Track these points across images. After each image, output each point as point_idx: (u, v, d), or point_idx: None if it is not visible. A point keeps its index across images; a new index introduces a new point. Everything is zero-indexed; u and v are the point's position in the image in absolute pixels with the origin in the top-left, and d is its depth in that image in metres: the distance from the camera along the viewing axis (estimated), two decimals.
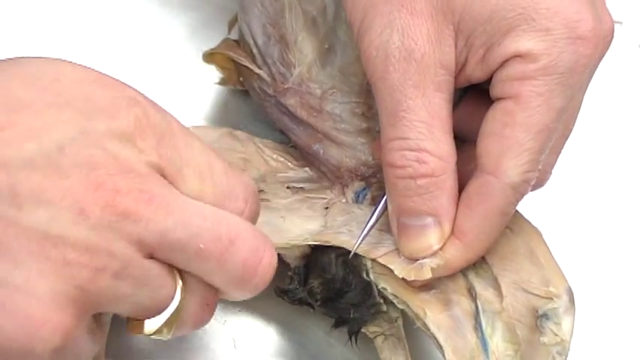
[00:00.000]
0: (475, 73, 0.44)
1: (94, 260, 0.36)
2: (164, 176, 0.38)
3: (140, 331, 0.39)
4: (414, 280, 0.44)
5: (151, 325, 0.38)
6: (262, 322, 0.51)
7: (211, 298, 0.40)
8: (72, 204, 0.35)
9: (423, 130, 0.43)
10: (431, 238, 0.44)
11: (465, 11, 0.42)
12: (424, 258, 0.44)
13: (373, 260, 0.45)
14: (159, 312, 0.38)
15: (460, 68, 0.44)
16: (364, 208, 0.48)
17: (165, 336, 0.39)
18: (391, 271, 0.44)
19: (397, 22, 0.43)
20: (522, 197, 0.44)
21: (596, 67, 0.44)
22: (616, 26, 0.56)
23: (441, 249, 0.44)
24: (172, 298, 0.38)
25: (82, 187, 0.35)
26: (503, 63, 0.43)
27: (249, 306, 0.51)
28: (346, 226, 0.47)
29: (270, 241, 0.40)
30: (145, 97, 0.39)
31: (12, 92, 0.37)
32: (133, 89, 0.39)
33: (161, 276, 0.38)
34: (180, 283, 0.38)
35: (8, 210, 0.35)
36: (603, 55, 0.44)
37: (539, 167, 0.43)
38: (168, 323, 0.38)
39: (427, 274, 0.44)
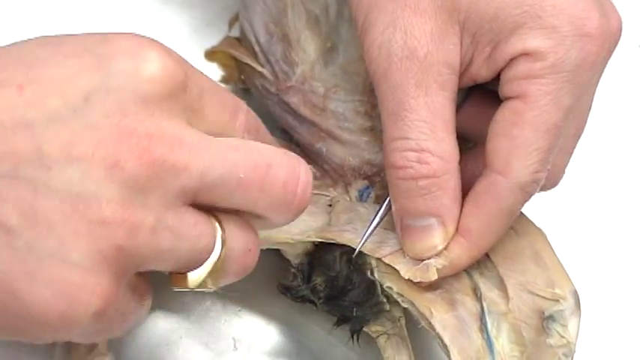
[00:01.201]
0: (481, 72, 0.44)
1: (130, 216, 0.34)
2: (190, 107, 0.37)
3: (184, 284, 0.38)
4: (419, 281, 0.44)
5: (194, 276, 0.37)
6: (263, 322, 0.51)
7: (252, 241, 0.39)
8: (105, 157, 0.34)
9: (424, 129, 0.43)
10: (435, 238, 0.44)
11: (471, 9, 0.42)
12: (429, 258, 0.44)
13: (378, 259, 0.45)
14: (200, 263, 0.37)
15: (466, 67, 0.43)
16: (368, 207, 0.48)
17: (210, 287, 0.38)
18: (397, 270, 0.45)
19: (400, 21, 0.43)
20: (530, 197, 0.44)
21: (604, 65, 0.44)
22: None
23: (445, 248, 0.44)
24: (213, 247, 0.37)
25: (115, 137, 0.34)
26: (510, 62, 0.43)
27: (250, 305, 0.51)
28: (350, 224, 0.47)
29: (303, 161, 0.39)
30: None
31: (27, 51, 0.36)
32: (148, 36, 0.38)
33: (199, 224, 0.37)
34: (219, 230, 0.37)
35: (37, 173, 0.34)
36: (611, 52, 0.44)
37: (549, 167, 0.43)
38: (211, 273, 0.37)
39: (433, 275, 0.44)
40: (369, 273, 0.46)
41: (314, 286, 0.47)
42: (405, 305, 0.45)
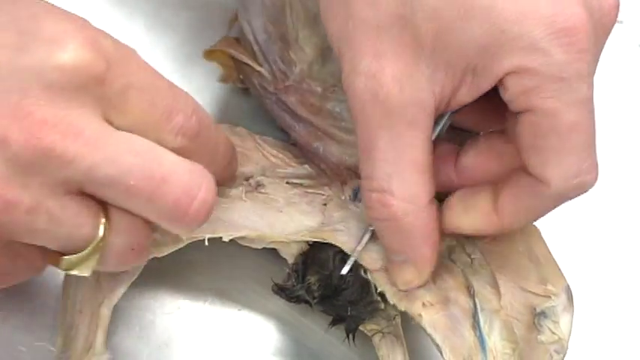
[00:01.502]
0: (466, 98, 0.42)
1: (7, 193, 0.35)
2: (107, 101, 0.37)
3: (56, 264, 0.38)
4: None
5: (66, 261, 0.38)
6: (262, 321, 0.51)
7: (139, 241, 0.39)
8: None
9: (388, 170, 0.42)
10: (407, 274, 0.44)
11: (436, 43, 0.41)
12: (413, 289, 0.45)
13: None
14: (79, 250, 0.38)
15: (450, 96, 0.42)
16: (360, 206, 0.48)
17: (84, 273, 0.38)
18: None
19: (361, 67, 0.42)
20: (570, 199, 0.43)
21: (601, 44, 0.42)
22: (616, 26, 0.56)
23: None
24: (93, 238, 0.38)
25: (10, 114, 0.35)
26: (500, 83, 0.41)
27: (250, 304, 0.51)
28: (343, 223, 0.47)
29: (209, 179, 0.39)
30: (97, 28, 0.38)
31: None
32: (87, 22, 0.38)
33: (81, 215, 0.37)
34: (103, 222, 0.38)
35: None
36: (606, 31, 0.42)
37: (590, 161, 0.42)
38: (85, 262, 0.38)
39: (418, 309, 0.44)
40: (362, 272, 0.46)
41: (308, 285, 0.47)
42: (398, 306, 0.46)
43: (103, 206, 0.38)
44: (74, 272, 0.38)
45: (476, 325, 0.44)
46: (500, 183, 0.44)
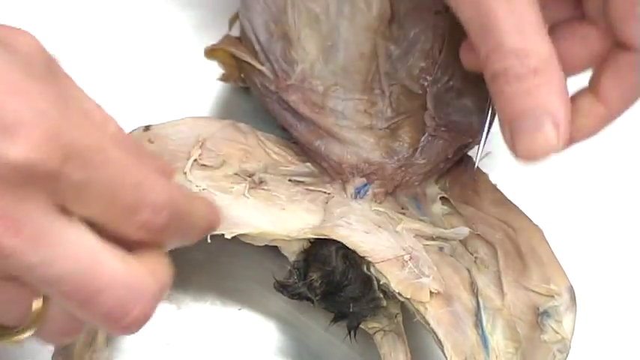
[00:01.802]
0: None
1: None
2: (62, 194, 0.36)
3: None
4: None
5: None
6: (263, 320, 0.51)
7: (74, 327, 0.39)
8: None
9: (515, 34, 0.42)
10: (548, 133, 0.43)
11: None
12: (543, 158, 0.43)
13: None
14: (9, 328, 0.37)
15: None
16: (362, 203, 0.48)
17: (15, 347, 0.38)
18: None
19: None
20: None
21: None
22: None
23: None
24: (24, 321, 0.37)
25: None
26: None
27: (250, 304, 0.51)
28: (344, 218, 0.47)
29: (148, 296, 0.38)
30: (61, 111, 0.36)
31: None
32: (58, 103, 0.36)
33: (15, 301, 0.37)
34: (35, 311, 0.37)
35: None
36: None
37: None
38: (14, 341, 0.37)
39: (425, 297, 0.44)
40: (365, 268, 0.46)
41: (310, 282, 0.47)
42: (401, 299, 0.45)
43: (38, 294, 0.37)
44: (4, 343, 0.38)
45: (478, 324, 0.44)
46: (594, 77, 0.44)
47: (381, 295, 0.46)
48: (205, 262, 0.51)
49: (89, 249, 0.36)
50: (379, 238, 0.46)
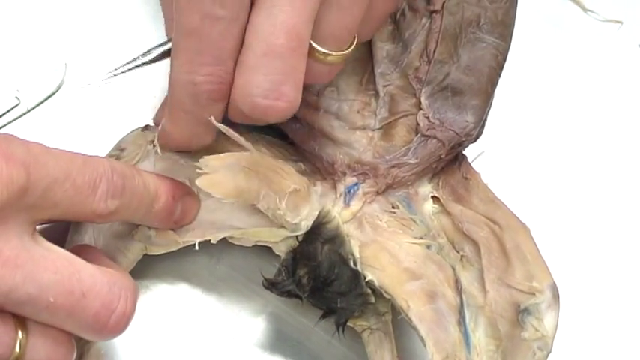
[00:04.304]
0: None
1: None
2: (32, 207, 0.37)
3: None
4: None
5: None
6: (263, 322, 0.51)
7: (61, 356, 0.39)
8: None
9: None
10: None
11: None
12: None
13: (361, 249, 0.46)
14: None
15: None
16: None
17: None
18: (378, 261, 0.45)
19: None
20: None
21: None
22: (616, 26, 0.56)
23: None
24: (10, 355, 0.38)
25: None
26: None
27: (250, 305, 0.51)
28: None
29: (128, 290, 0.40)
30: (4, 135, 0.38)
31: None
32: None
33: None
34: (19, 342, 0.38)
35: None
36: None
37: None
38: None
39: (406, 296, 0.45)
40: (351, 263, 0.46)
41: (298, 279, 0.47)
42: (387, 296, 0.46)
43: (22, 322, 0.38)
44: None
45: (461, 321, 0.44)
46: None
47: (369, 291, 0.46)
48: (204, 263, 0.52)
49: (65, 258, 0.38)
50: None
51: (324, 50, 0.44)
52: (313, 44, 0.44)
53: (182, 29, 0.42)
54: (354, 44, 0.45)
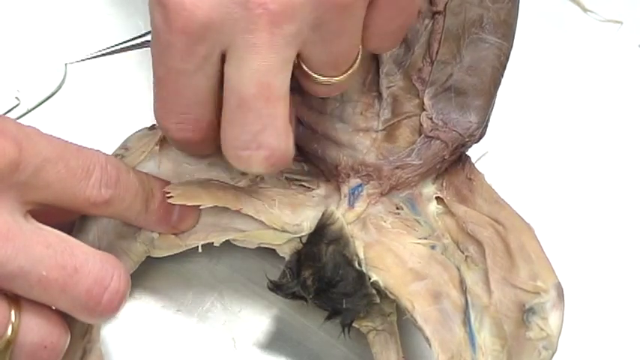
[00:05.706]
0: None
1: None
2: (24, 185, 0.37)
3: None
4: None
5: None
6: (263, 322, 0.51)
7: (54, 338, 0.39)
8: None
9: None
10: None
11: None
12: None
13: (366, 249, 0.47)
14: None
15: None
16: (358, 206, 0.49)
17: None
18: (382, 262, 0.45)
19: None
20: None
21: None
22: (616, 26, 0.56)
23: None
24: (2, 335, 0.38)
25: None
26: None
27: (250, 306, 0.51)
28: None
29: (121, 269, 0.40)
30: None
31: None
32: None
33: None
34: (12, 319, 0.38)
35: None
36: None
37: None
38: None
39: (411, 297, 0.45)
40: (356, 264, 0.47)
41: (303, 280, 0.47)
42: (392, 297, 0.46)
43: (15, 302, 0.38)
44: None
45: (467, 321, 0.44)
46: None
47: (374, 292, 0.46)
48: (205, 264, 0.52)
49: (56, 235, 0.38)
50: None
51: (324, 79, 0.44)
52: (312, 74, 0.44)
53: (154, 77, 0.43)
54: (357, 60, 0.45)
